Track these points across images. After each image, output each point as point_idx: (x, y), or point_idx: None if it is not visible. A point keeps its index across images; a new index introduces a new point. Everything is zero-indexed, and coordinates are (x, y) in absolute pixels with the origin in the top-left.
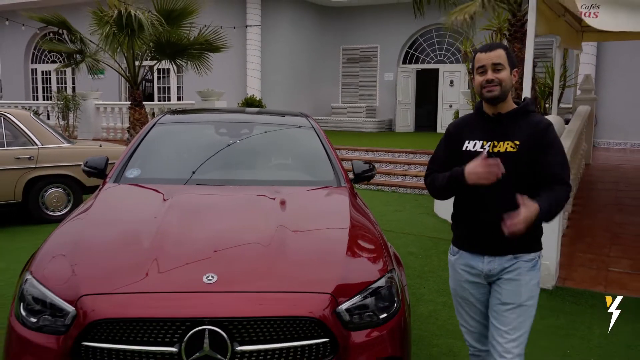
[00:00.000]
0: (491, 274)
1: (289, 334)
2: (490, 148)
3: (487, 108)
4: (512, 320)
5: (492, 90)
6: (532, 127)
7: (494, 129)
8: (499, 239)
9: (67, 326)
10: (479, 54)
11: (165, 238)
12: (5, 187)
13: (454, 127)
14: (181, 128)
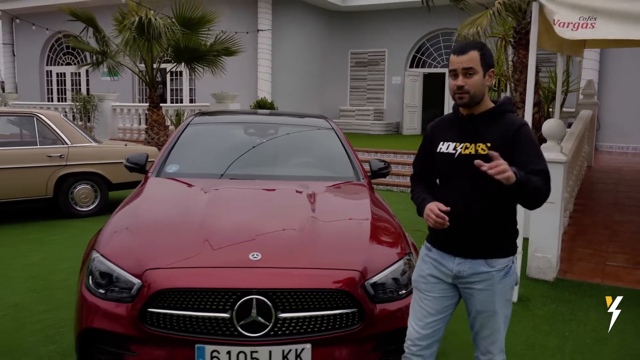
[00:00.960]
0: (460, 275)
1: (323, 304)
2: (462, 150)
3: (462, 109)
4: (490, 325)
5: (462, 97)
6: (505, 128)
7: (467, 130)
8: (470, 241)
9: (133, 296)
10: (452, 55)
11: (212, 222)
12: (37, 184)
13: (431, 127)
14: (213, 128)
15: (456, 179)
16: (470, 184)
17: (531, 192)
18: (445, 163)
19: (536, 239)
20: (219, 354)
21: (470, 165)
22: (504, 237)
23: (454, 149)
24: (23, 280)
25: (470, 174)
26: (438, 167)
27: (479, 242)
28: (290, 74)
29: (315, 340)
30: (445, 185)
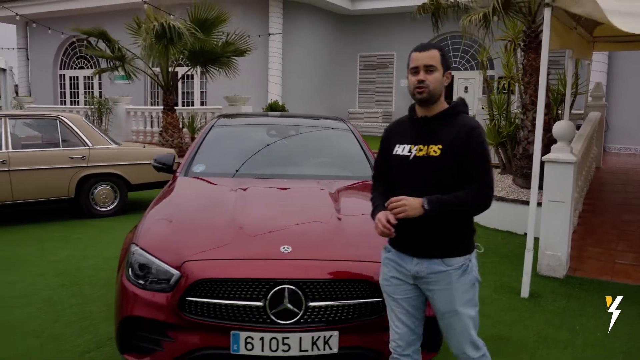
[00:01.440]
0: (419, 275)
1: (349, 294)
2: (417, 152)
3: (419, 110)
4: (456, 325)
5: (422, 92)
6: (458, 129)
7: (421, 132)
8: (425, 241)
9: (172, 286)
10: (414, 53)
11: (243, 217)
12: (60, 184)
13: (388, 130)
14: (236, 130)
15: (411, 180)
16: (424, 186)
17: (456, 211)
18: (401, 165)
19: (546, 238)
20: (252, 340)
21: (424, 167)
22: (460, 236)
23: (409, 151)
24: (52, 276)
25: (424, 176)
26: (394, 169)
27: (434, 242)
28: (300, 77)
29: (342, 327)
30: (400, 187)
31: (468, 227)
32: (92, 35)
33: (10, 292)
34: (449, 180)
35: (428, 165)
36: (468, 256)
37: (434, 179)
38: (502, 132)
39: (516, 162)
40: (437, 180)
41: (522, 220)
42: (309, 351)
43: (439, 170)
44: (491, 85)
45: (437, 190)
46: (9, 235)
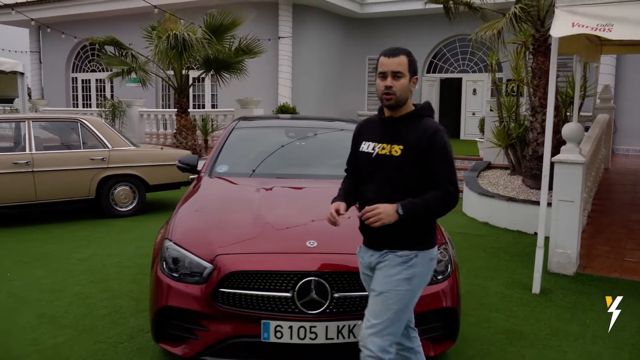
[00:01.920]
0: (371, 266)
1: None
2: (380, 150)
3: (386, 111)
4: (372, 306)
5: (389, 99)
6: (421, 131)
7: (387, 132)
8: (377, 235)
9: (205, 278)
10: (382, 57)
11: (269, 214)
12: (81, 185)
13: (359, 127)
14: (256, 132)
15: (372, 176)
16: (381, 182)
17: (427, 214)
18: (365, 161)
19: (556, 236)
20: (282, 328)
21: (385, 165)
22: (409, 231)
23: (373, 148)
24: (80, 273)
25: (386, 174)
26: (359, 164)
27: (387, 235)
28: (309, 80)
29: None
30: (362, 182)
31: (419, 225)
32: (104, 44)
33: (43, 287)
34: (410, 180)
35: (389, 164)
36: (415, 252)
37: (396, 178)
38: (511, 134)
39: (525, 164)
40: (398, 178)
41: (532, 220)
42: (335, 339)
43: (400, 170)
44: (500, 87)
45: (399, 189)
46: (34, 234)
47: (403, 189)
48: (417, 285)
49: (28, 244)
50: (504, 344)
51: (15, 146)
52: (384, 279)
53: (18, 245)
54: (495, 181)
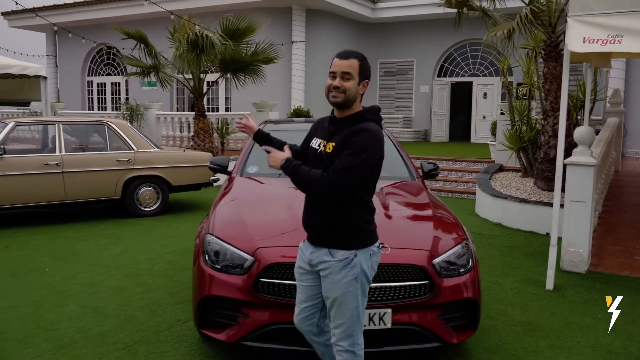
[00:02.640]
0: (312, 263)
1: (401, 277)
2: (321, 147)
3: (335, 111)
4: (332, 311)
5: (336, 97)
6: (350, 131)
7: (330, 131)
8: (318, 229)
9: (246, 269)
10: (335, 59)
11: (301, 210)
12: (108, 185)
13: (314, 125)
14: (284, 135)
15: None
16: None
17: (300, 181)
18: (311, 156)
19: (568, 235)
20: None
21: (321, 161)
22: (346, 230)
23: (319, 145)
24: (114, 268)
25: (321, 168)
26: (308, 157)
27: (324, 231)
28: (322, 83)
29: (394, 306)
30: None
31: (354, 223)
32: (131, 37)
33: (81, 281)
34: None
35: (324, 160)
36: (354, 251)
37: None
38: (523, 137)
39: (537, 166)
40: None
41: (544, 221)
42: (366, 326)
43: (329, 164)
44: (512, 91)
45: None
46: (65, 232)
47: None
48: (364, 280)
49: (60, 241)
50: (521, 335)
51: (46, 148)
52: (333, 285)
53: (51, 242)
54: (507, 183)
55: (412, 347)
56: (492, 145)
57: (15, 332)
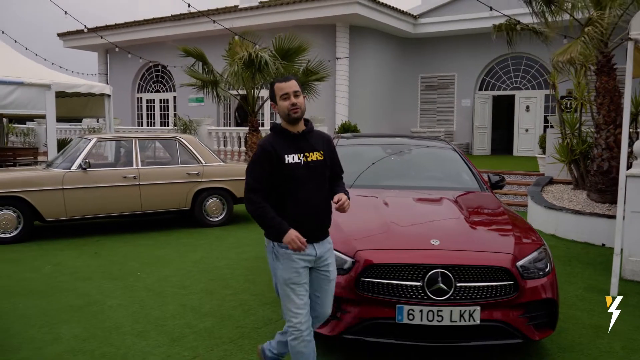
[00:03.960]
0: (320, 256)
1: (488, 277)
2: (305, 159)
3: (290, 127)
4: (332, 289)
5: (296, 112)
6: (323, 140)
7: (302, 144)
8: (323, 228)
9: (346, 270)
10: (279, 84)
11: (392, 217)
12: (180, 197)
13: (270, 147)
14: (358, 148)
15: (306, 182)
16: (318, 181)
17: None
18: (295, 171)
19: (630, 245)
20: (413, 312)
21: (317, 168)
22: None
23: (299, 158)
24: (198, 273)
25: (317, 174)
26: (287, 176)
27: (324, 227)
28: (365, 98)
29: (482, 304)
30: (296, 190)
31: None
32: (190, 55)
33: (173, 284)
34: (329, 174)
35: (318, 167)
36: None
37: (324, 176)
38: (574, 150)
39: (590, 178)
40: (325, 176)
41: (599, 232)
42: (457, 322)
43: (326, 169)
44: (563, 105)
45: (325, 183)
46: (142, 241)
47: (327, 182)
48: None
49: (142, 248)
50: (593, 337)
51: (123, 162)
52: (335, 265)
53: (134, 249)
54: (559, 195)
55: (498, 342)
56: (540, 158)
57: (130, 327)
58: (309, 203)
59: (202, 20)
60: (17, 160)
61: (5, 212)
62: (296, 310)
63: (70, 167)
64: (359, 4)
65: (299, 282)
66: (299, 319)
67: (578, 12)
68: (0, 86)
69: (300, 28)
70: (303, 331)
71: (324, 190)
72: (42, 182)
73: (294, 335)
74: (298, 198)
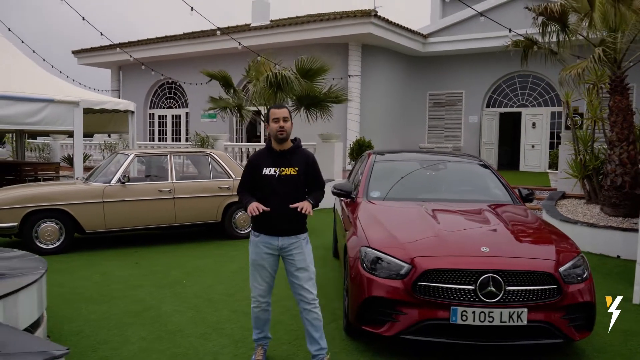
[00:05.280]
0: (283, 247)
1: (534, 282)
2: (280, 172)
3: (276, 146)
4: (306, 277)
5: (282, 134)
6: (304, 158)
7: (280, 160)
8: (287, 226)
9: (403, 275)
10: (273, 109)
11: (440, 227)
12: (211, 210)
13: (254, 158)
14: (395, 164)
15: (277, 190)
16: (288, 192)
17: (318, 202)
18: (269, 181)
19: None
20: (467, 313)
21: (287, 181)
22: (302, 221)
23: (274, 172)
24: (241, 281)
25: (287, 186)
26: (263, 184)
27: (291, 226)
28: (375, 114)
29: (529, 306)
30: (269, 196)
31: (304, 216)
32: (215, 78)
33: (220, 291)
34: (302, 187)
35: (289, 180)
36: (306, 234)
37: (294, 188)
38: (587, 165)
39: (604, 193)
40: (297, 188)
41: (614, 245)
42: (507, 322)
43: (298, 182)
44: (576, 122)
45: (295, 193)
46: (179, 252)
47: (297, 193)
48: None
49: (179, 259)
50: (623, 339)
51: (159, 176)
52: (304, 256)
53: (172, 259)
54: (573, 209)
55: (542, 341)
56: (552, 173)
57: (191, 330)
58: (277, 205)
59: (213, 39)
60: (38, 175)
61: (48, 224)
62: (257, 285)
63: (110, 181)
64: (373, 24)
65: (262, 264)
66: (259, 292)
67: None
68: (32, 103)
69: (313, 47)
70: (262, 302)
71: (293, 197)
72: (84, 196)
73: (255, 304)
74: (269, 200)
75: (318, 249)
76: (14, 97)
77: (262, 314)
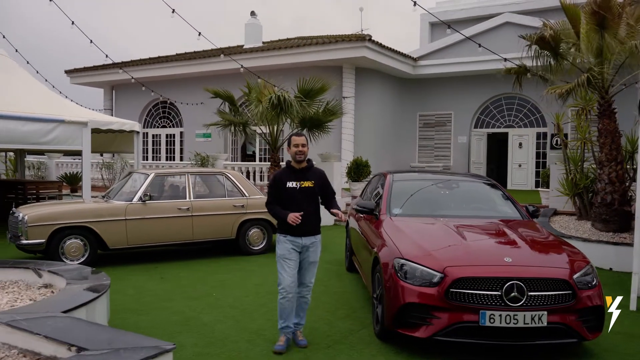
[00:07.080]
0: (305, 244)
1: (552, 287)
2: (301, 185)
3: (295, 165)
4: (314, 269)
5: (301, 157)
6: (318, 175)
7: (300, 175)
8: (309, 229)
9: (435, 283)
10: (294, 137)
11: (465, 239)
12: (227, 227)
13: (279, 176)
14: (413, 183)
15: (299, 200)
16: (307, 201)
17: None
18: (293, 192)
19: None
20: (494, 316)
21: (307, 192)
22: (319, 224)
23: (296, 184)
24: (266, 294)
25: (307, 196)
26: (287, 195)
27: (312, 229)
28: (368, 134)
29: (548, 309)
30: (292, 204)
31: (319, 221)
32: (220, 97)
33: (250, 302)
34: (317, 196)
35: (308, 191)
36: (320, 235)
37: (312, 197)
38: (578, 184)
39: (595, 210)
40: (314, 198)
41: (606, 258)
42: (530, 324)
43: (314, 192)
44: (567, 144)
45: (313, 203)
46: (198, 267)
47: (314, 203)
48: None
49: (201, 273)
50: (625, 340)
51: (178, 195)
52: (317, 253)
53: (195, 274)
54: (565, 225)
55: (559, 341)
56: (543, 191)
57: (237, 337)
58: (299, 212)
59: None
60: (41, 193)
61: (74, 240)
62: (286, 276)
63: (132, 200)
64: (367, 48)
65: (288, 257)
66: (287, 283)
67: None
68: (44, 124)
69: (307, 69)
70: (289, 292)
71: (312, 205)
72: (107, 214)
73: (282, 295)
74: (291, 208)
75: (331, 263)
76: (27, 117)
77: (288, 304)
